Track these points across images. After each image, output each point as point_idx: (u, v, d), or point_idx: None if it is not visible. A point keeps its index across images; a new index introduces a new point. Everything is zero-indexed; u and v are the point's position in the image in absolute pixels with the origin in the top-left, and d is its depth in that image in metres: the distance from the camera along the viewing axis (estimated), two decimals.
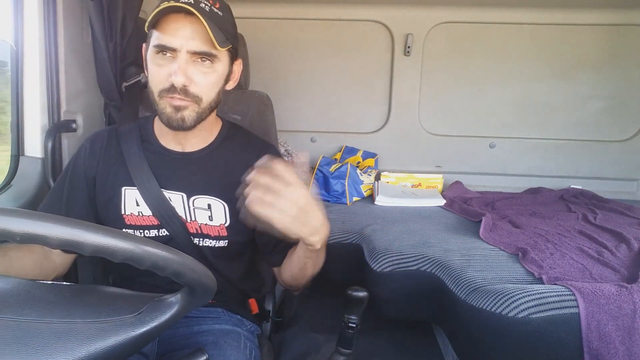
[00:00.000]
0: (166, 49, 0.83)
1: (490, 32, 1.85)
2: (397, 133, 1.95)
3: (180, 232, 0.94)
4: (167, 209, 0.93)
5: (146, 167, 0.94)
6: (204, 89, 0.87)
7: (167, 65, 0.84)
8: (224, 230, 0.96)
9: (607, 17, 1.79)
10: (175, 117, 0.86)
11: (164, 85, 0.84)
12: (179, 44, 0.82)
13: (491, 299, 0.93)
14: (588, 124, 1.91)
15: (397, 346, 1.40)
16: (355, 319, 0.81)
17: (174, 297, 0.57)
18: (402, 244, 1.21)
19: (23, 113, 1.21)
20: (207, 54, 0.84)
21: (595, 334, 0.87)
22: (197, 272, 0.53)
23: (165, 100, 0.86)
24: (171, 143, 0.98)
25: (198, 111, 0.88)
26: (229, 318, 1.00)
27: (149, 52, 0.87)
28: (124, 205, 0.95)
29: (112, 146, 0.98)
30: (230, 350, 0.90)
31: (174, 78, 0.82)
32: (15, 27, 1.16)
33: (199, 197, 0.95)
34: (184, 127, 0.88)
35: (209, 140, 0.99)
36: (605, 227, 1.35)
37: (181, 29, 0.81)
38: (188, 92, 0.85)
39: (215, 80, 0.88)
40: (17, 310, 0.52)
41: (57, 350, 0.48)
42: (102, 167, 0.97)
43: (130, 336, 0.52)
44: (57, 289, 0.58)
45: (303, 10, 1.83)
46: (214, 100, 0.91)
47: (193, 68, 0.84)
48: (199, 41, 0.82)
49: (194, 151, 0.98)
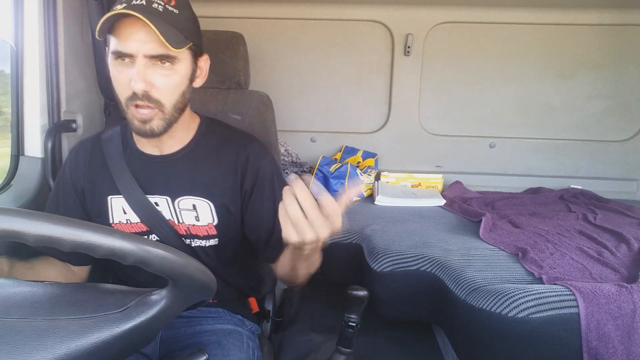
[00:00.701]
0: (123, 55, 0.80)
1: (490, 32, 1.85)
2: (397, 133, 1.95)
3: (170, 235, 0.93)
4: (154, 214, 0.92)
5: (129, 174, 0.93)
6: (165, 92, 0.84)
7: (127, 71, 0.81)
8: (212, 229, 0.95)
9: (607, 17, 1.79)
10: (144, 129, 0.85)
11: (127, 92, 0.82)
12: (134, 49, 0.79)
13: (491, 299, 0.93)
14: (588, 124, 1.91)
15: (397, 346, 1.40)
16: (355, 318, 0.81)
17: (161, 292, 0.56)
18: (402, 244, 1.21)
19: (23, 113, 1.21)
20: (165, 56, 0.81)
21: (595, 333, 0.87)
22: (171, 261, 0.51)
23: (131, 110, 0.84)
24: (148, 147, 0.96)
25: (165, 118, 0.86)
26: (230, 318, 1.00)
27: (109, 60, 0.84)
28: (112, 215, 0.94)
29: (95, 155, 0.97)
30: (233, 350, 0.90)
31: (134, 84, 0.80)
32: (15, 27, 1.16)
33: (183, 198, 0.94)
34: (154, 135, 0.86)
35: (187, 139, 0.97)
36: (605, 227, 1.35)
37: (135, 32, 0.78)
38: (151, 97, 0.82)
39: (177, 81, 0.85)
40: (2, 310, 0.52)
41: (37, 347, 0.48)
42: (87, 177, 0.96)
43: (115, 332, 0.51)
44: (46, 288, 0.57)
45: (303, 10, 1.83)
46: (179, 102, 0.88)
47: (152, 71, 0.82)
48: (155, 44, 0.79)
49: (172, 153, 0.96)
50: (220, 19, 1.74)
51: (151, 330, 0.55)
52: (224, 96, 1.28)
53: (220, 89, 1.30)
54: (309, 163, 1.91)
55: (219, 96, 1.28)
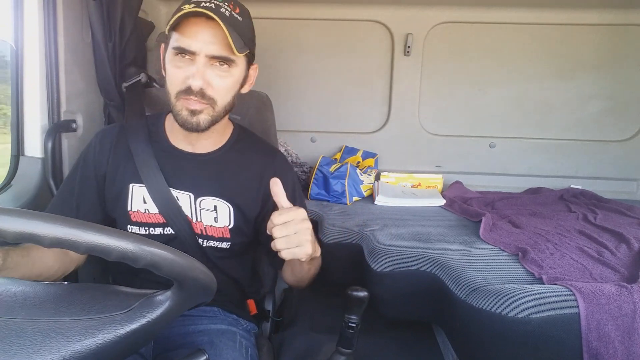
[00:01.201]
0: (185, 51, 0.84)
1: (490, 32, 1.85)
2: (397, 133, 1.95)
3: (186, 231, 0.94)
4: (174, 208, 0.93)
5: (154, 164, 0.94)
6: (220, 92, 0.87)
7: (185, 68, 0.84)
8: (227, 232, 0.97)
9: (607, 17, 1.79)
10: (190, 120, 0.87)
11: (181, 87, 0.85)
12: (198, 48, 0.83)
13: (491, 299, 0.93)
14: (588, 124, 1.91)
15: (397, 346, 1.40)
16: (355, 319, 0.81)
17: (166, 293, 0.56)
18: (402, 244, 1.21)
19: (23, 113, 1.21)
20: (225, 58, 0.85)
21: (595, 334, 0.87)
22: (180, 264, 0.52)
23: (182, 102, 0.86)
24: (181, 143, 0.98)
25: (213, 114, 0.89)
26: (225, 317, 1.00)
27: (167, 53, 0.88)
28: (131, 202, 0.95)
29: (121, 142, 0.98)
30: (226, 350, 0.90)
31: (192, 81, 0.83)
32: (15, 27, 1.16)
33: (206, 198, 0.95)
34: (198, 130, 0.89)
35: (220, 143, 1.00)
36: (605, 227, 1.35)
37: (201, 32, 0.82)
38: (205, 94, 0.85)
39: (231, 84, 0.89)
40: (6, 310, 0.52)
41: (43, 348, 0.48)
42: (111, 163, 0.97)
43: (119, 334, 0.52)
44: (50, 288, 0.57)
45: (303, 10, 1.83)
46: (229, 104, 0.92)
47: (210, 72, 0.85)
48: (218, 46, 0.83)
49: (204, 153, 0.98)
50: None
51: (154, 331, 0.56)
52: None
53: None
54: (309, 163, 1.91)
55: None
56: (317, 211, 1.55)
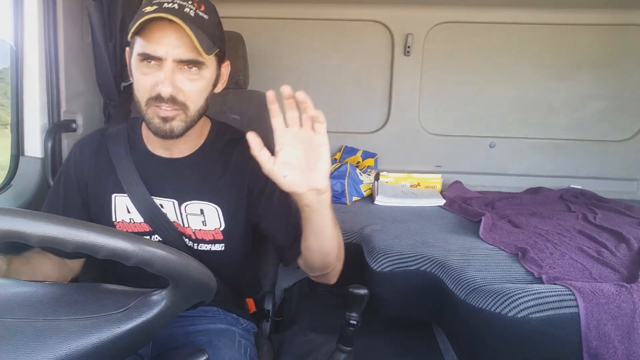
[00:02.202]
0: (151, 57, 0.80)
1: (490, 32, 1.85)
2: (397, 133, 1.95)
3: (174, 237, 0.92)
4: (159, 215, 0.92)
5: (135, 173, 0.92)
6: (191, 97, 0.84)
7: (153, 74, 0.81)
8: (219, 234, 0.94)
9: (607, 17, 1.79)
10: (163, 128, 0.84)
11: (150, 94, 0.82)
12: (164, 52, 0.78)
13: (491, 299, 0.93)
14: (588, 124, 1.91)
15: (397, 346, 1.40)
16: (356, 317, 0.81)
17: (162, 292, 0.55)
18: (402, 244, 1.21)
19: (23, 113, 1.21)
20: (193, 61, 0.81)
21: (595, 333, 0.87)
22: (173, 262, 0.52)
23: (152, 109, 0.83)
24: (158, 149, 0.95)
25: (186, 120, 0.85)
26: (224, 317, 1.00)
27: (133, 60, 0.84)
28: (115, 213, 0.93)
29: (101, 151, 0.96)
30: (224, 349, 0.90)
31: (161, 88, 0.79)
32: (15, 27, 1.16)
33: (191, 202, 0.93)
34: (172, 136, 0.86)
35: (198, 144, 0.96)
36: (605, 227, 1.35)
37: (166, 36, 0.78)
38: (176, 100, 0.82)
39: (203, 87, 0.86)
40: (4, 310, 0.52)
41: (38, 348, 0.48)
42: (92, 173, 0.95)
43: (116, 333, 0.51)
44: (46, 288, 0.57)
45: (303, 10, 1.83)
46: (202, 107, 0.88)
47: (180, 76, 0.81)
48: (185, 49, 0.79)
49: (182, 157, 0.95)
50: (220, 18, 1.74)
51: (151, 330, 0.55)
52: (223, 96, 1.27)
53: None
54: None
55: (218, 96, 1.26)
56: None
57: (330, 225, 0.84)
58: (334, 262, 0.92)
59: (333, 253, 0.89)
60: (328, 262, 0.91)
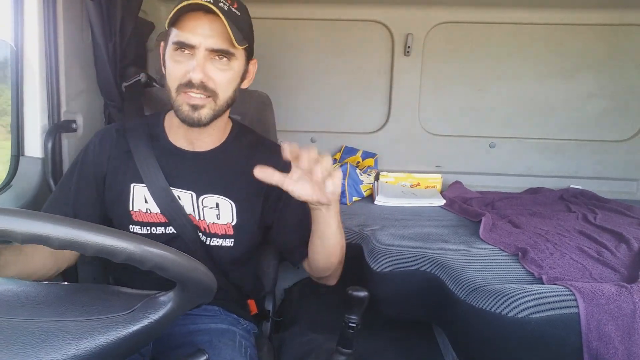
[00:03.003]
0: (185, 46, 0.84)
1: (490, 32, 1.85)
2: (397, 133, 1.95)
3: (188, 230, 0.94)
4: (176, 207, 0.93)
5: (155, 164, 0.94)
6: (221, 85, 0.88)
7: (185, 62, 0.85)
8: (230, 229, 0.96)
9: (607, 17, 1.79)
10: (192, 115, 0.87)
11: (181, 80, 0.85)
12: (197, 41, 0.83)
13: (491, 299, 0.93)
14: (588, 124, 1.91)
15: (397, 346, 1.40)
16: (355, 319, 0.81)
17: (168, 294, 0.56)
18: (402, 244, 1.21)
19: (23, 113, 1.21)
20: (224, 51, 0.85)
21: (595, 334, 0.87)
22: (184, 266, 0.52)
23: (183, 96, 0.86)
24: (181, 141, 0.98)
25: (215, 109, 0.89)
26: (225, 317, 1.00)
27: (167, 49, 0.88)
28: (132, 202, 0.95)
29: (120, 143, 0.98)
30: (225, 349, 0.90)
31: (192, 74, 0.83)
32: (15, 27, 1.16)
33: (208, 196, 0.95)
34: (199, 125, 0.89)
35: (221, 139, 1.00)
36: (605, 227, 1.35)
37: (200, 26, 0.83)
38: (206, 87, 0.86)
39: (232, 77, 0.89)
40: (8, 310, 0.52)
41: (46, 349, 0.48)
42: (111, 164, 0.97)
43: (122, 334, 0.52)
44: (51, 289, 0.57)
45: (303, 10, 1.83)
46: (230, 98, 0.92)
47: (211, 65, 0.85)
48: (218, 39, 0.83)
49: (205, 151, 0.98)
50: None
51: (156, 331, 0.56)
52: None
53: None
54: None
55: None
56: None
57: (334, 230, 0.89)
58: (337, 264, 0.98)
59: (336, 255, 0.95)
60: (331, 264, 0.96)
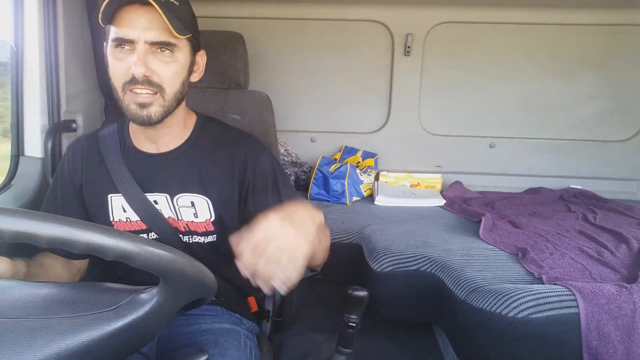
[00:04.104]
0: (124, 41, 0.81)
1: (490, 32, 1.85)
2: (397, 133, 1.95)
3: (169, 233, 0.93)
4: (153, 212, 0.93)
5: (127, 172, 0.93)
6: (166, 79, 0.84)
7: (126, 58, 0.82)
8: (210, 225, 0.95)
9: (607, 17, 1.79)
10: (140, 114, 0.84)
11: (125, 78, 0.82)
12: (136, 35, 0.80)
13: (491, 299, 0.93)
14: (588, 124, 1.91)
15: (397, 346, 1.40)
16: (355, 319, 0.81)
17: (153, 290, 0.55)
18: (402, 244, 1.21)
19: (23, 113, 1.21)
20: (165, 43, 0.82)
21: (595, 333, 0.87)
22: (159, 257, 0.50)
23: (129, 95, 0.83)
24: (145, 144, 0.96)
25: (164, 105, 0.86)
26: (229, 317, 1.00)
27: (108, 48, 0.85)
28: (112, 213, 0.95)
29: (93, 153, 0.97)
30: (231, 349, 0.90)
31: (134, 69, 0.80)
32: (15, 27, 1.16)
33: (182, 195, 0.94)
34: (150, 123, 0.86)
35: (184, 136, 0.97)
36: (605, 227, 1.35)
37: (137, 19, 0.80)
38: (151, 82, 0.82)
39: (177, 69, 0.86)
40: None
41: (29, 347, 0.48)
42: (85, 175, 0.96)
43: (106, 331, 0.51)
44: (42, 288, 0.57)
45: (303, 10, 1.83)
46: (179, 92, 0.88)
47: (153, 58, 0.82)
48: (157, 31, 0.80)
49: (169, 150, 0.96)
50: (220, 19, 1.74)
51: (147, 329, 0.55)
52: (224, 96, 1.28)
53: (220, 89, 1.30)
54: (308, 163, 1.91)
55: (219, 96, 1.28)
56: None
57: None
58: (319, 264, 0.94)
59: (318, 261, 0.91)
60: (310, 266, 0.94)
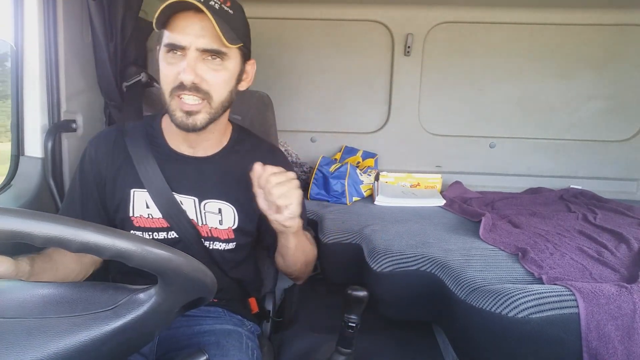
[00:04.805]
0: (175, 47, 0.82)
1: (490, 32, 1.85)
2: (397, 133, 1.95)
3: (191, 234, 0.93)
4: (178, 212, 0.93)
5: (156, 169, 0.93)
6: (214, 86, 0.85)
7: (177, 64, 0.83)
8: (231, 233, 0.97)
9: (607, 17, 1.79)
10: (186, 122, 0.85)
11: (174, 83, 0.83)
12: (187, 42, 0.81)
13: (491, 299, 0.93)
14: (588, 124, 1.91)
15: (397, 346, 1.40)
16: (355, 319, 0.81)
17: (151, 289, 0.54)
18: (402, 244, 1.21)
19: (23, 113, 1.21)
20: (216, 51, 0.83)
21: (595, 333, 0.87)
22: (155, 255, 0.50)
23: (176, 101, 0.84)
24: (181, 146, 0.96)
25: (210, 112, 0.87)
26: (230, 318, 1.00)
27: (160, 52, 0.86)
28: (132, 208, 0.94)
29: (118, 147, 0.96)
30: (232, 350, 0.90)
31: (183, 75, 0.81)
32: (15, 27, 1.16)
33: (210, 201, 0.95)
34: (195, 130, 0.87)
35: (221, 144, 0.99)
36: (605, 227, 1.35)
37: (190, 26, 0.81)
38: (199, 89, 0.83)
39: (226, 78, 0.87)
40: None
41: (27, 347, 0.47)
42: (109, 170, 0.95)
43: (104, 331, 0.51)
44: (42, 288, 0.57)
45: (303, 10, 1.83)
46: (226, 100, 0.89)
47: (203, 65, 0.83)
48: (208, 39, 0.81)
49: (207, 156, 0.97)
50: None
51: (146, 328, 0.55)
52: None
53: None
54: (309, 163, 1.91)
55: None
56: (317, 211, 1.55)
57: (292, 251, 0.94)
58: (297, 273, 1.04)
59: (294, 269, 1.01)
60: (290, 272, 1.04)
